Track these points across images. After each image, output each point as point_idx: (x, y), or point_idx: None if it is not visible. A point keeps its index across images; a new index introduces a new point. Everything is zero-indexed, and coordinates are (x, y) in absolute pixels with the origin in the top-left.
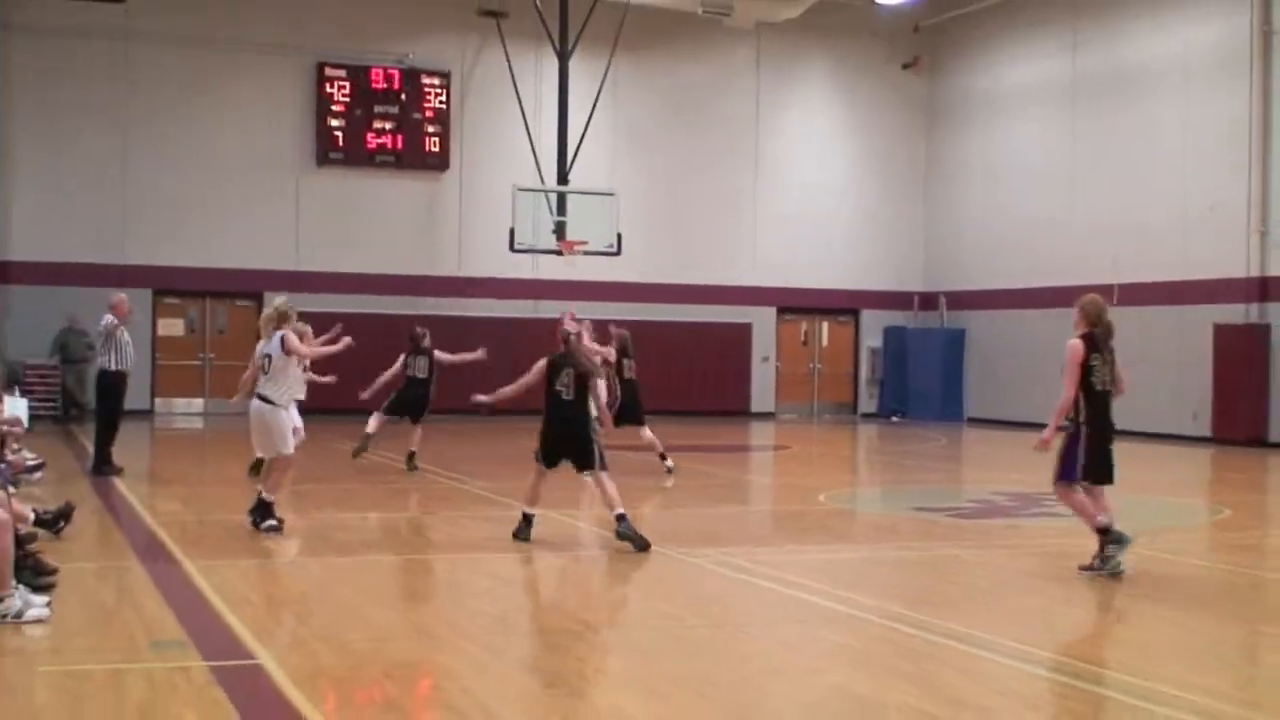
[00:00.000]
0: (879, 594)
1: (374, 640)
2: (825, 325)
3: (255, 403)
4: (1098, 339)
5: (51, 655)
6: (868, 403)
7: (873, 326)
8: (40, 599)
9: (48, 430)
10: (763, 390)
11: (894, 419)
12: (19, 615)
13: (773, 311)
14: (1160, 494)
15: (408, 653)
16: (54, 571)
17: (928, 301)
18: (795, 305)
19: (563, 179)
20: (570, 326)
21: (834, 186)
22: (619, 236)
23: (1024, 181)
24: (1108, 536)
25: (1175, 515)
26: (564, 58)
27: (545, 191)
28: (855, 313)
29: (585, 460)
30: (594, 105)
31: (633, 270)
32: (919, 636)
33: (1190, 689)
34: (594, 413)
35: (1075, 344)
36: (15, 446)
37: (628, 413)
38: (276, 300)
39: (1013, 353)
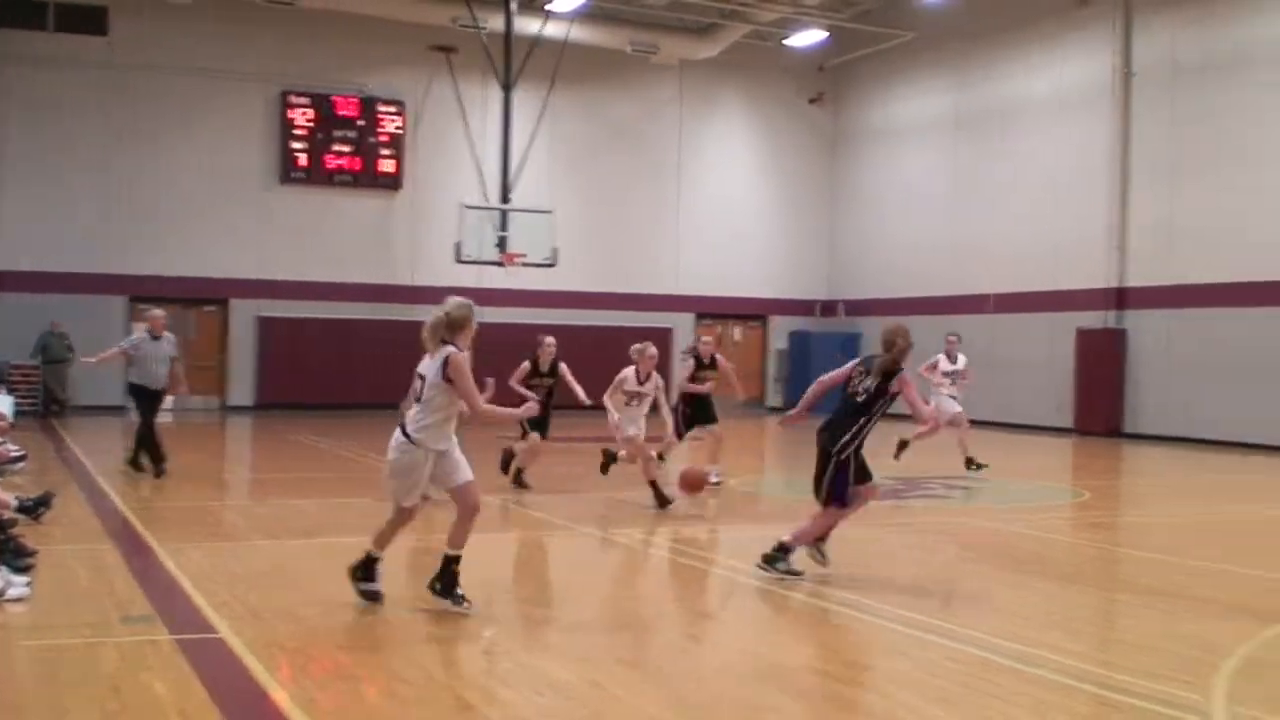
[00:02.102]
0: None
1: (327, 615)
2: (737, 329)
3: (394, 436)
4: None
5: (31, 630)
6: (774, 398)
7: (780, 330)
8: (21, 579)
9: (30, 425)
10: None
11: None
12: (1, 594)
13: (692, 317)
14: (1030, 478)
15: (359, 626)
16: (34, 554)
17: (828, 308)
18: (712, 311)
19: (505, 198)
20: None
21: (748, 206)
22: (555, 250)
23: (915, 203)
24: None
25: (1042, 497)
26: (507, 89)
27: (489, 209)
28: (764, 318)
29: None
30: (534, 131)
31: (568, 280)
32: (820, 606)
33: (1057, 651)
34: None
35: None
36: (0, 439)
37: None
38: (449, 302)
39: None
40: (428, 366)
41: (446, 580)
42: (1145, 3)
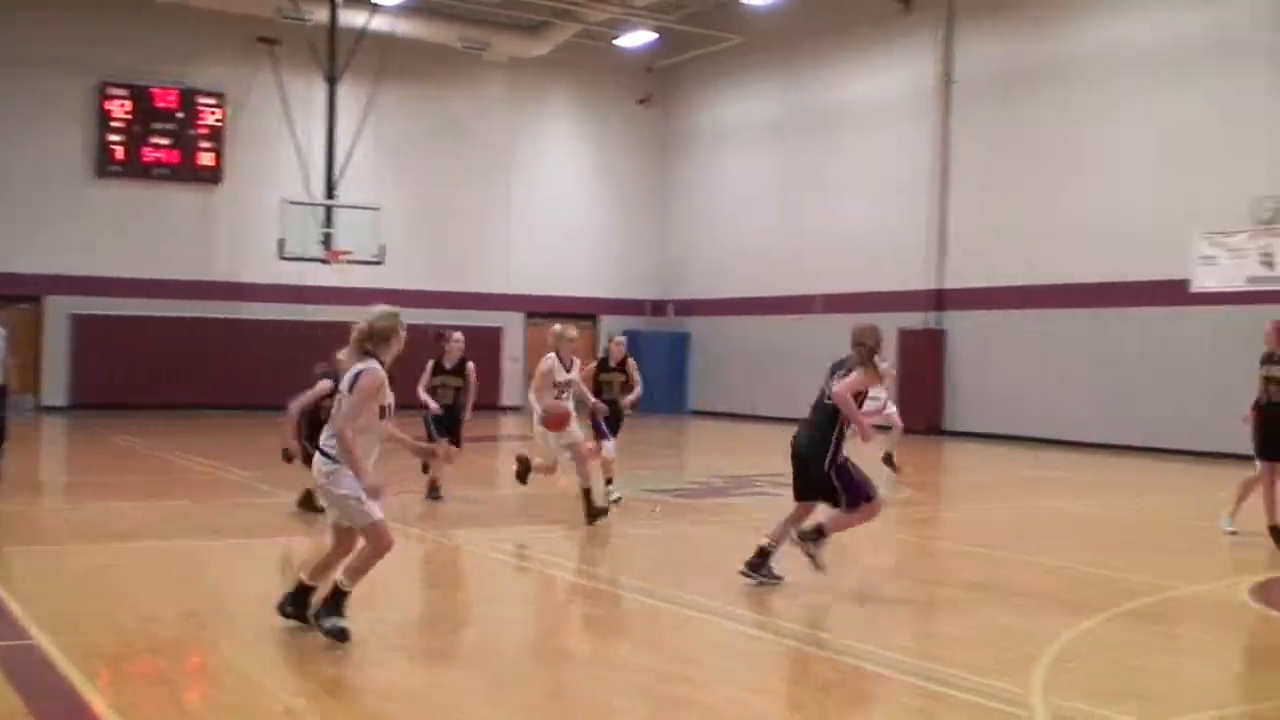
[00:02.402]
0: (613, 568)
1: (144, 620)
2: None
3: (315, 460)
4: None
5: None
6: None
7: (610, 330)
8: None
9: None
10: (512, 387)
11: (627, 411)
12: None
13: (522, 316)
14: None
15: (176, 631)
16: None
17: (659, 308)
18: (542, 310)
19: (330, 193)
20: None
21: (579, 205)
22: (382, 247)
23: (744, 205)
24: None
25: None
26: (332, 82)
27: (313, 205)
28: (595, 317)
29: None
30: (361, 126)
31: (396, 278)
32: (646, 603)
33: (878, 644)
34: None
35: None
36: None
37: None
38: (372, 311)
39: (732, 353)
40: (346, 379)
41: (331, 606)
42: (967, 12)
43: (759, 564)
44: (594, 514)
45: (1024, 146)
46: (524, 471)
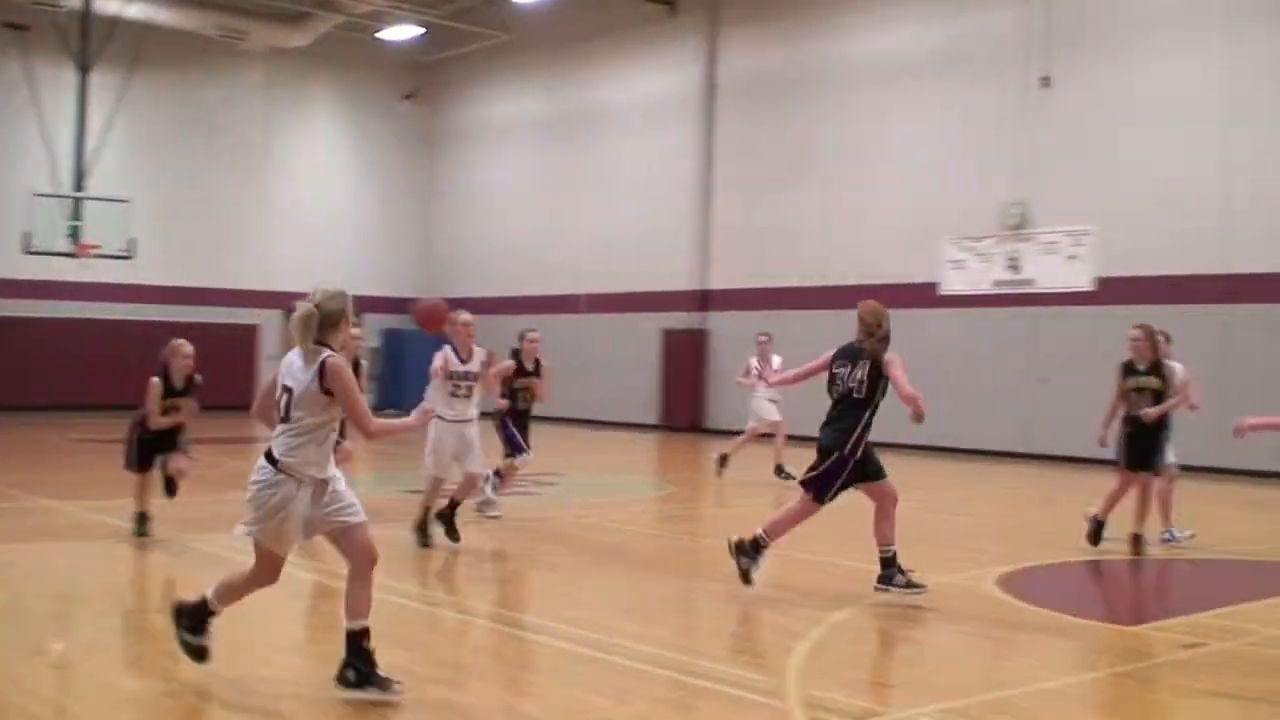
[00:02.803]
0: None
1: None
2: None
3: (257, 463)
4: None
5: None
6: (368, 396)
7: (373, 329)
8: None
9: None
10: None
11: (387, 411)
12: None
13: (280, 314)
14: (617, 473)
15: None
16: None
17: None
18: None
19: (79, 185)
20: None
21: (340, 201)
22: (133, 241)
23: (512, 204)
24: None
25: (628, 491)
26: (84, 70)
27: (61, 197)
28: (357, 315)
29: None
30: (112, 116)
31: (148, 274)
32: (411, 607)
33: (638, 639)
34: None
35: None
36: None
37: None
38: (318, 292)
39: (499, 351)
40: (295, 375)
41: (360, 663)
42: (731, 17)
43: (749, 548)
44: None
45: (786, 151)
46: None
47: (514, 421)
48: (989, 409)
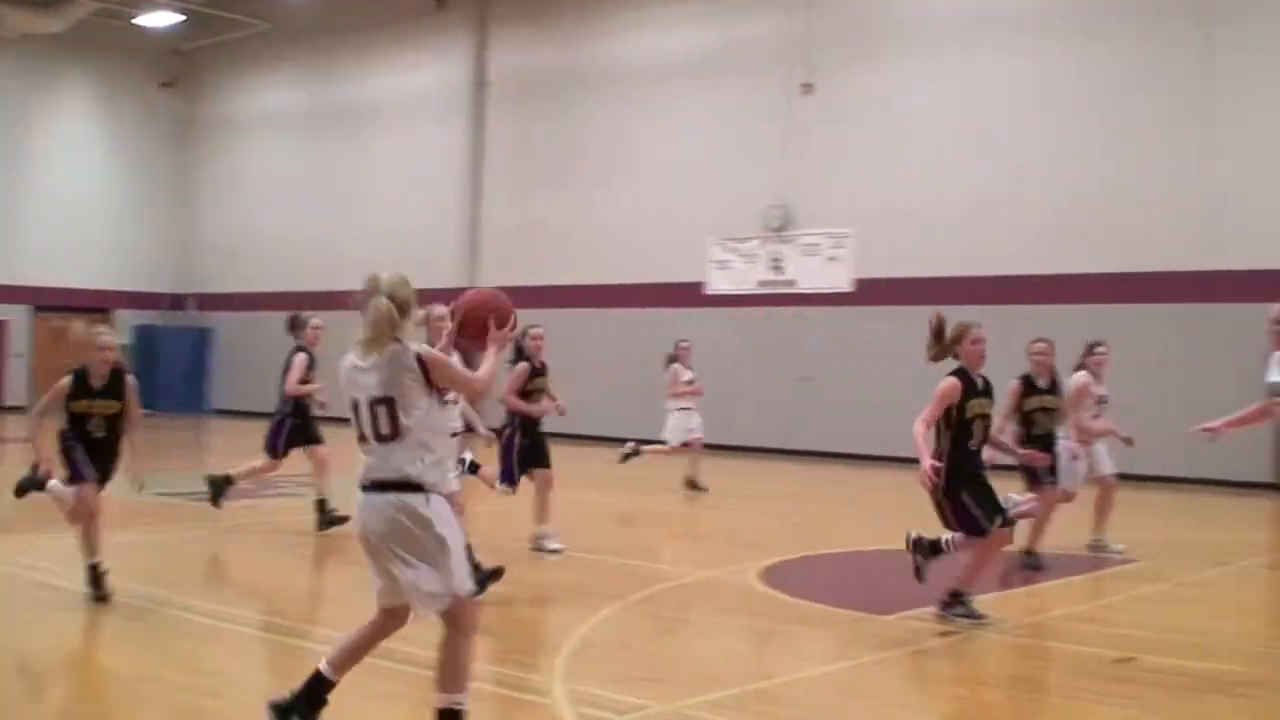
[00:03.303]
0: (124, 576)
1: None
2: (78, 323)
3: (371, 500)
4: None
5: None
6: None
7: (124, 325)
8: None
9: None
10: (15, 385)
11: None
12: None
13: (27, 309)
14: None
15: None
16: None
17: (177, 302)
18: (50, 303)
19: None
20: None
21: (92, 192)
22: None
23: (276, 196)
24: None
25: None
26: None
27: None
28: (108, 311)
29: None
30: None
31: None
32: (164, 613)
33: (406, 641)
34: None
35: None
36: None
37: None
38: (385, 281)
39: (257, 350)
40: (373, 384)
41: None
42: (500, 14)
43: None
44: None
45: (558, 149)
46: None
47: (526, 433)
48: (753, 407)
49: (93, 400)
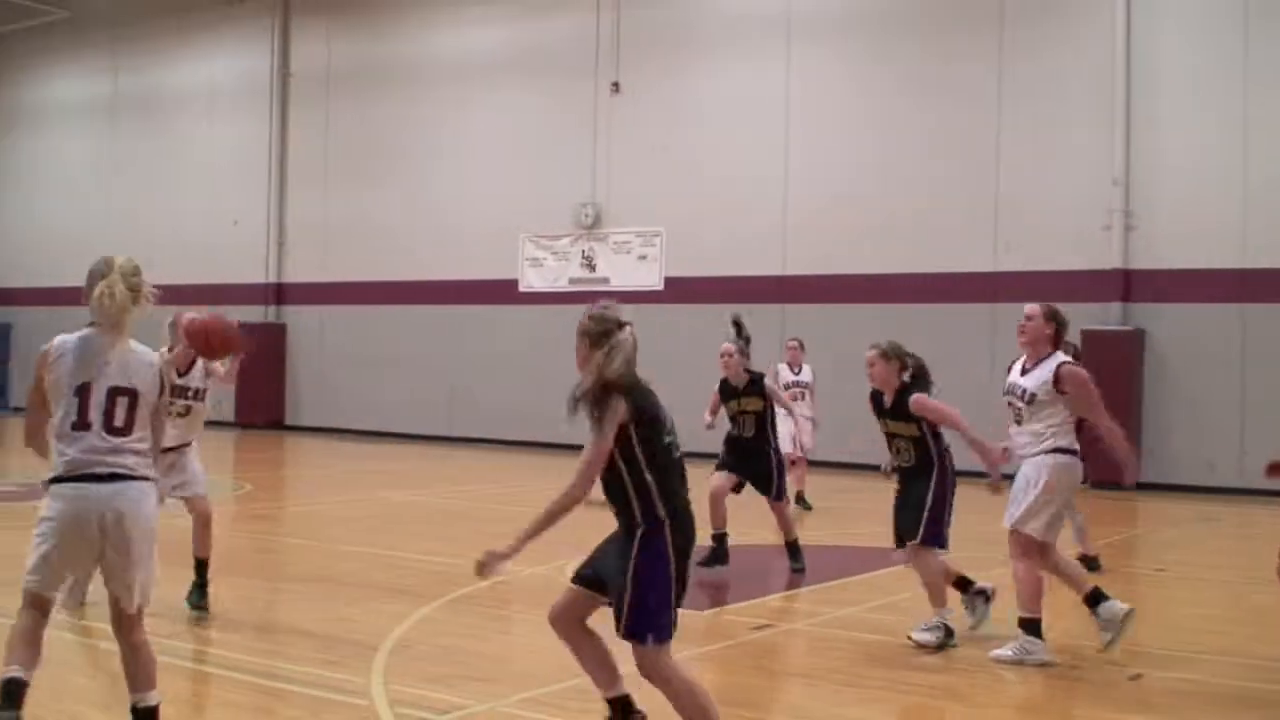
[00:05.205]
0: None
1: None
2: None
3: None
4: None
5: None
6: None
7: None
8: None
9: None
10: None
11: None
12: None
13: None
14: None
15: None
16: None
17: None
18: None
19: None
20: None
21: None
22: None
23: (72, 190)
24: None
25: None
26: None
27: None
28: None
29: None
30: None
31: None
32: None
33: (218, 645)
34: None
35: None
36: None
37: None
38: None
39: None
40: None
41: None
42: (303, 6)
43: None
44: None
45: (368, 145)
46: None
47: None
48: (561, 404)
49: None
